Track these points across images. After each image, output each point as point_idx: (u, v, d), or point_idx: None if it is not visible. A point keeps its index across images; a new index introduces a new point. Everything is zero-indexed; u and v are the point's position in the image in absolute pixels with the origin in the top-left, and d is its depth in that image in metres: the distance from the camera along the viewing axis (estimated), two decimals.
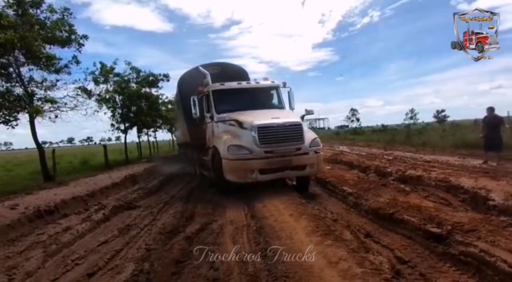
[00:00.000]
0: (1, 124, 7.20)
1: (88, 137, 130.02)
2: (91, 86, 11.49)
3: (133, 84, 16.94)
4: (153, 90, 18.26)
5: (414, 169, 7.43)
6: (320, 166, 6.59)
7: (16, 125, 7.46)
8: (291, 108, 7.86)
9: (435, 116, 62.04)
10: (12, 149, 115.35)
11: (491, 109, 8.52)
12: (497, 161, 8.11)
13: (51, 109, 8.39)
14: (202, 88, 7.69)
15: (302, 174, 6.39)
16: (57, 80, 9.36)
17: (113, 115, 16.47)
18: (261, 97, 7.83)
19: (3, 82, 7.40)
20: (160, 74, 17.82)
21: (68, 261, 3.89)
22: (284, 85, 7.97)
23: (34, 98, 7.69)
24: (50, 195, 7.38)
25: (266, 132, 6.00)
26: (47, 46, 7.93)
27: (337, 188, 6.44)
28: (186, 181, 9.71)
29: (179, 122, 11.64)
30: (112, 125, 17.05)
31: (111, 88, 15.64)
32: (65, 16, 9.43)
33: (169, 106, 23.99)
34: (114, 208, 6.36)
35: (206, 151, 7.96)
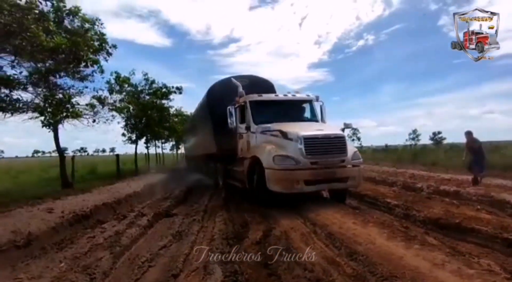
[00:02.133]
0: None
1: (82, 148, 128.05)
2: (106, 94, 11.48)
3: (146, 95, 17.05)
4: (164, 102, 18.38)
5: (445, 185, 7.57)
6: (360, 179, 6.63)
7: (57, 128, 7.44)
8: (323, 121, 8.00)
9: (431, 138, 62.82)
10: (3, 157, 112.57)
11: (469, 133, 8.68)
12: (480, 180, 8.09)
13: (90, 114, 8.41)
14: (239, 98, 7.82)
15: (344, 186, 6.41)
16: (85, 87, 9.48)
17: (126, 125, 16.45)
18: (295, 110, 7.98)
19: (42, 89, 7.44)
20: (172, 87, 17.99)
21: (139, 262, 3.84)
22: (317, 99, 8.16)
23: (72, 102, 7.72)
24: (79, 201, 7.30)
25: (312, 144, 6.06)
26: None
27: (379, 201, 6.49)
28: (210, 192, 9.59)
29: (203, 133, 11.56)
30: (123, 134, 17.03)
31: (125, 98, 15.70)
32: (97, 26, 9.65)
33: (175, 119, 24.10)
34: (155, 215, 6.29)
35: (238, 161, 7.97)
